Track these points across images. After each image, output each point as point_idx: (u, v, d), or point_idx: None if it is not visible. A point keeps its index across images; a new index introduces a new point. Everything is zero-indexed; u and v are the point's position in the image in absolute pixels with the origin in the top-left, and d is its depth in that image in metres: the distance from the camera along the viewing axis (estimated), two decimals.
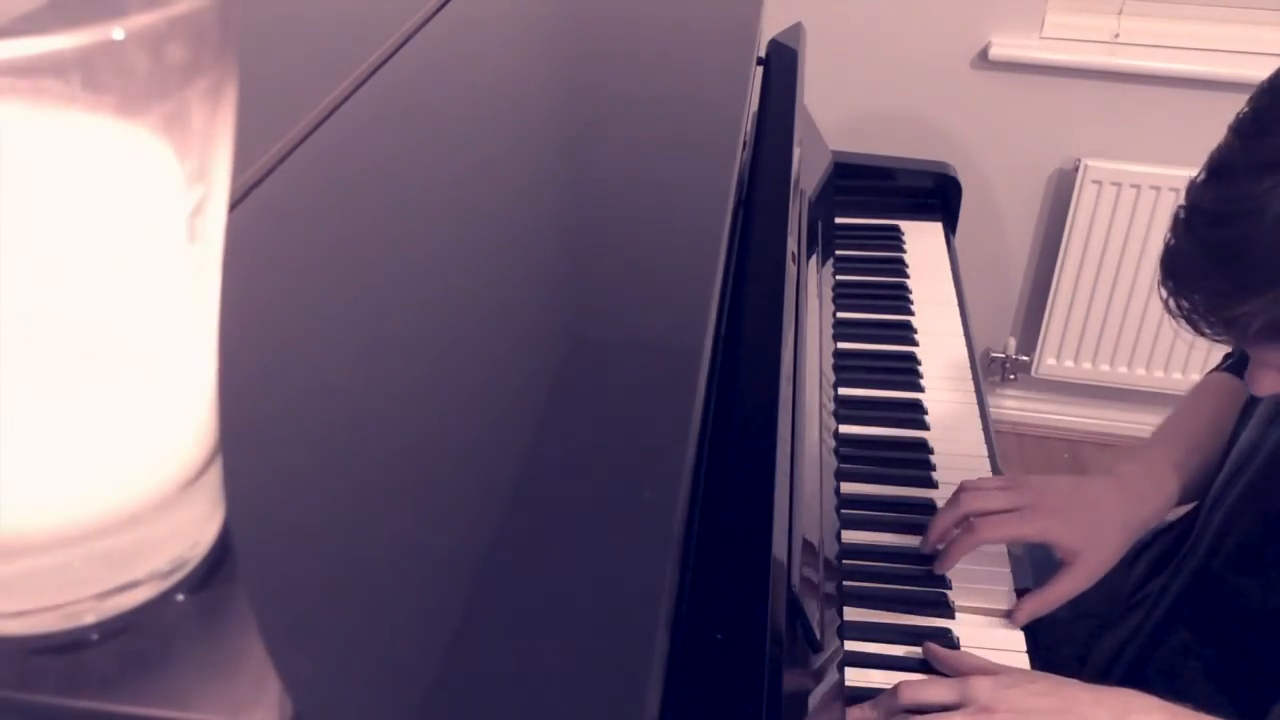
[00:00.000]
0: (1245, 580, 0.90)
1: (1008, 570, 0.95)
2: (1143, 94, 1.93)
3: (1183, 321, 0.72)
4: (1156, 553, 1.04)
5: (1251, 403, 0.93)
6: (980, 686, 0.76)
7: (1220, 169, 0.68)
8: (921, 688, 0.78)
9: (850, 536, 0.97)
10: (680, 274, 0.62)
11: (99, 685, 0.34)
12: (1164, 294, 0.72)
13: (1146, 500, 0.94)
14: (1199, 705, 0.75)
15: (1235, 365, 1.05)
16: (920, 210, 1.48)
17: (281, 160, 0.67)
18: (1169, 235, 0.72)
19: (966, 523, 0.91)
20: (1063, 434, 2.27)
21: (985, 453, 1.09)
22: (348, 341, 0.53)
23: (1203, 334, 0.71)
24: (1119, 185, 1.97)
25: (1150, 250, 2.01)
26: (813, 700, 0.70)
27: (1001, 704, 0.75)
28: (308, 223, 0.64)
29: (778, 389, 0.69)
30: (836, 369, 1.16)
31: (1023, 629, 0.89)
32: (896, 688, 0.78)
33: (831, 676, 0.78)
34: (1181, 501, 0.97)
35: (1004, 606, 0.91)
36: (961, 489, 0.94)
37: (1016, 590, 0.93)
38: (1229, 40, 1.91)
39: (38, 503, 0.33)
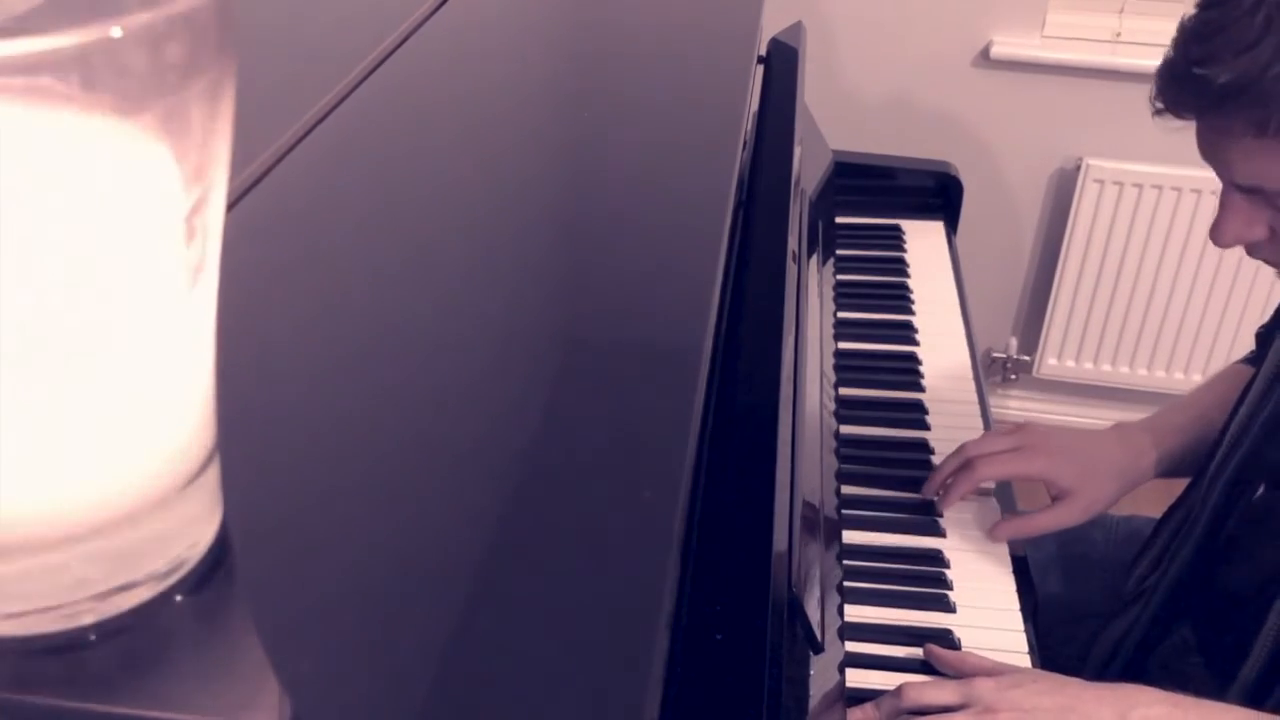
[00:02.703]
0: (1234, 567, 0.91)
1: (1008, 570, 0.95)
2: (1144, 93, 1.91)
3: (1167, 115, 0.80)
4: (1158, 550, 1.04)
5: (1244, 394, 0.94)
6: (983, 687, 0.76)
7: None
8: (925, 689, 0.78)
9: (850, 536, 0.96)
10: (680, 274, 0.62)
11: (98, 686, 0.34)
12: (1154, 102, 0.81)
13: (1144, 454, 0.98)
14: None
15: (1256, 360, 1.05)
16: (921, 209, 1.48)
17: (280, 160, 0.67)
18: (1168, 49, 0.80)
19: (967, 462, 0.95)
20: None
21: None
22: (346, 342, 0.53)
23: (1181, 115, 0.79)
24: (1120, 184, 1.97)
25: (1151, 250, 2.01)
26: (813, 701, 0.70)
27: (1005, 704, 0.75)
28: (307, 223, 0.64)
29: (778, 389, 0.68)
30: (837, 369, 1.16)
31: (1024, 630, 0.89)
32: (900, 689, 0.78)
33: (832, 677, 0.77)
34: (1179, 472, 0.99)
35: (1005, 607, 0.91)
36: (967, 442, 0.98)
37: (1018, 589, 0.93)
38: None
39: (36, 503, 0.33)
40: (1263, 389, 0.90)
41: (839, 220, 1.43)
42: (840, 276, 1.33)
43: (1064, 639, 1.07)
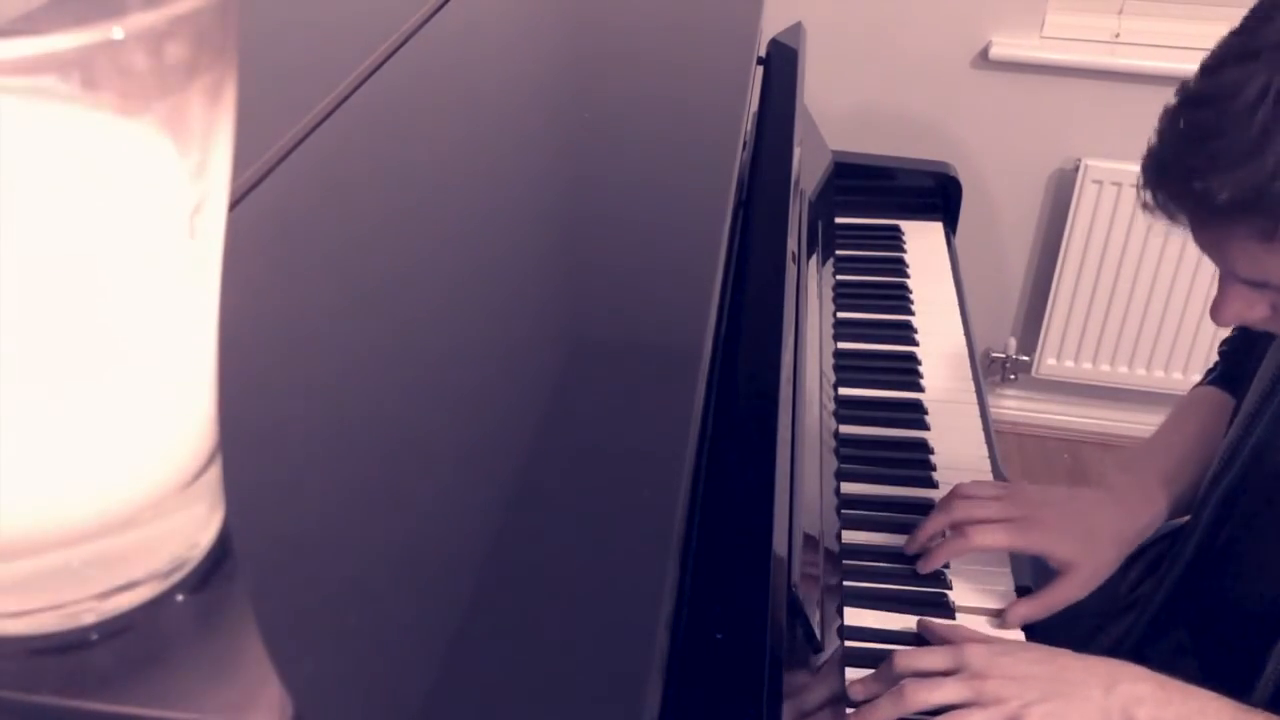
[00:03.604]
0: (1230, 577, 0.91)
1: (1008, 570, 0.95)
2: (1143, 94, 1.93)
3: (1158, 213, 0.75)
4: (1152, 556, 1.05)
5: (1238, 405, 0.94)
6: (974, 653, 0.77)
7: (1210, 64, 0.72)
8: (916, 655, 0.79)
9: (850, 536, 0.96)
10: (680, 274, 0.62)
11: (99, 685, 0.34)
12: (1143, 195, 0.76)
13: (1139, 513, 0.95)
14: None
15: (1220, 378, 1.05)
16: (920, 210, 1.48)
17: (281, 160, 0.67)
18: (1152, 137, 0.75)
19: (958, 527, 0.91)
20: (1063, 434, 2.27)
21: (985, 453, 1.09)
22: (347, 342, 0.53)
23: (1176, 221, 0.75)
24: (1119, 185, 1.97)
25: (1150, 250, 2.01)
26: (813, 700, 0.70)
27: (995, 670, 0.75)
28: (307, 223, 0.64)
29: (778, 389, 0.69)
30: (836, 369, 1.16)
31: (1022, 628, 0.89)
32: (892, 656, 0.79)
33: (832, 677, 0.77)
34: (1173, 514, 0.98)
35: (1004, 606, 0.91)
36: (954, 493, 0.94)
37: (1017, 590, 0.93)
38: None
39: (38, 503, 0.33)
40: (1255, 403, 0.90)
41: (839, 221, 1.43)
42: (840, 277, 1.33)
43: (1059, 639, 1.06)
